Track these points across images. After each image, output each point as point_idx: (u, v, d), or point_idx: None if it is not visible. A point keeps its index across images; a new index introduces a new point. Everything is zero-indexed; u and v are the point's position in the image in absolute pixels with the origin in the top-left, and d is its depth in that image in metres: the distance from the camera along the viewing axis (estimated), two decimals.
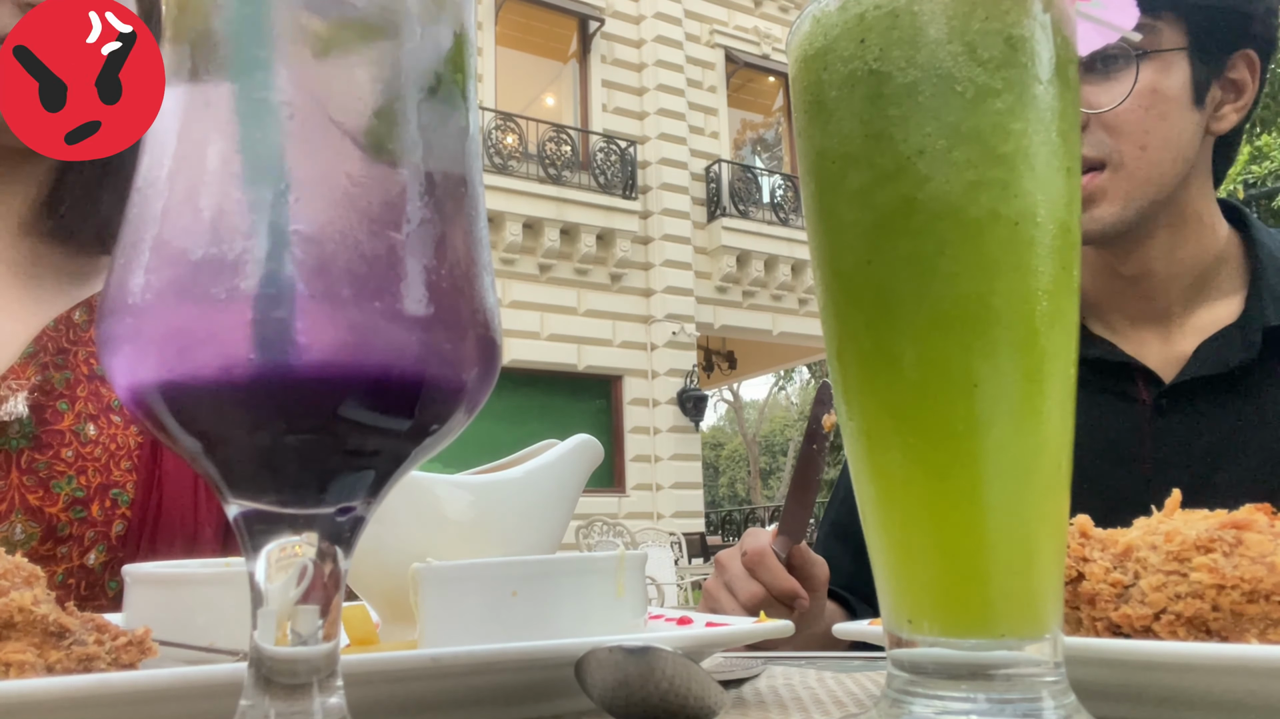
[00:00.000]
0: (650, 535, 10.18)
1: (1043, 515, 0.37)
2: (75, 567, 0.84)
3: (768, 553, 0.95)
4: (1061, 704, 0.34)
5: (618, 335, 12.98)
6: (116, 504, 0.87)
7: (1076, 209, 0.37)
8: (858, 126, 0.37)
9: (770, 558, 0.95)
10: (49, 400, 0.87)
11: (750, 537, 0.99)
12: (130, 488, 0.88)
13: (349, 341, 0.27)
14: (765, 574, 0.94)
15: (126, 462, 0.89)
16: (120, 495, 0.88)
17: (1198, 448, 0.99)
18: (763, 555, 0.95)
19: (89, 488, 0.86)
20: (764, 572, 0.95)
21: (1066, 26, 0.38)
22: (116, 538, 0.87)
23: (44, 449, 0.85)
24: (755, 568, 0.95)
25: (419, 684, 0.45)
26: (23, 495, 0.83)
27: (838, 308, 0.39)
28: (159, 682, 0.38)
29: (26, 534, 0.82)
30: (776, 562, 0.95)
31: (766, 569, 0.95)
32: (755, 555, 0.95)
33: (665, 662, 0.40)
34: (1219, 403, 0.99)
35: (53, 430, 0.86)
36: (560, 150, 12.72)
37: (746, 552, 0.96)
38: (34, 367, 0.87)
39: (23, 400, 0.85)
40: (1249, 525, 0.43)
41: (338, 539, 0.30)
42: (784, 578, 0.94)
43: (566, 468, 0.69)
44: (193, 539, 0.90)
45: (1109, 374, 1.02)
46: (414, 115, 0.30)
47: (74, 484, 0.85)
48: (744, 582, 0.96)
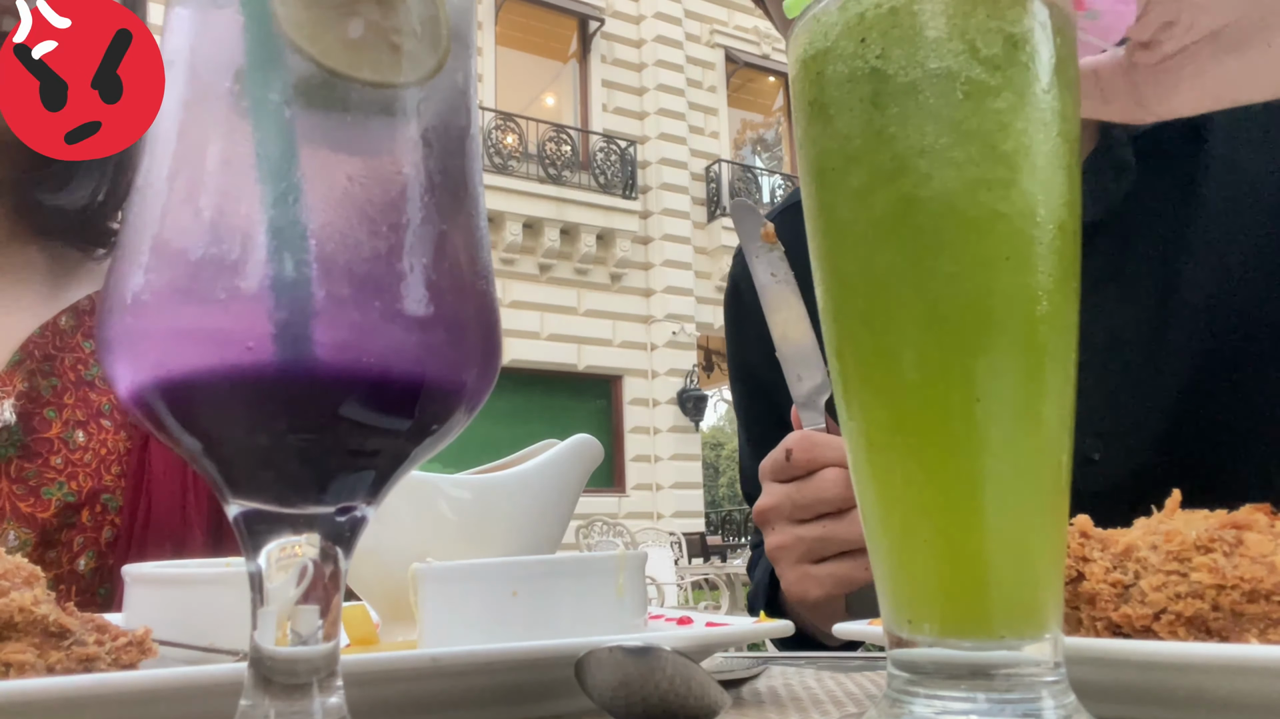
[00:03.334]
0: (650, 535, 10.18)
1: (1043, 515, 0.37)
2: (65, 572, 0.84)
3: (811, 434, 0.77)
4: (1061, 704, 0.34)
5: (618, 335, 12.99)
6: (106, 510, 0.87)
7: (1077, 208, 0.37)
8: (858, 125, 0.37)
9: (818, 435, 0.77)
10: (36, 408, 0.87)
11: (774, 453, 0.78)
12: (119, 493, 0.88)
13: (349, 341, 0.27)
14: (831, 453, 0.75)
15: (116, 467, 0.89)
16: (110, 501, 0.88)
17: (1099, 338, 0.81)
18: (809, 439, 0.76)
19: (79, 494, 0.86)
20: (827, 450, 0.75)
21: (1066, 25, 0.38)
22: (106, 543, 0.87)
23: (33, 457, 0.85)
24: (815, 456, 0.75)
25: (419, 684, 0.45)
26: (14, 503, 0.82)
27: (838, 308, 0.39)
28: (159, 682, 0.38)
29: (21, 540, 0.82)
30: (827, 435, 0.77)
31: (826, 446, 0.76)
32: (804, 443, 0.76)
33: (665, 662, 0.40)
34: (1102, 253, 0.81)
35: (41, 438, 0.86)
36: (560, 150, 12.73)
37: (790, 450, 0.76)
38: (21, 374, 0.87)
39: (10, 408, 0.84)
40: (1249, 525, 0.43)
41: (338, 539, 0.30)
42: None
43: (566, 468, 0.69)
44: (181, 543, 0.90)
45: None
46: (414, 115, 0.30)
47: (64, 490, 0.85)
48: (813, 489, 0.75)
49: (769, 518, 0.80)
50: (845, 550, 0.76)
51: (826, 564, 0.76)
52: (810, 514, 0.77)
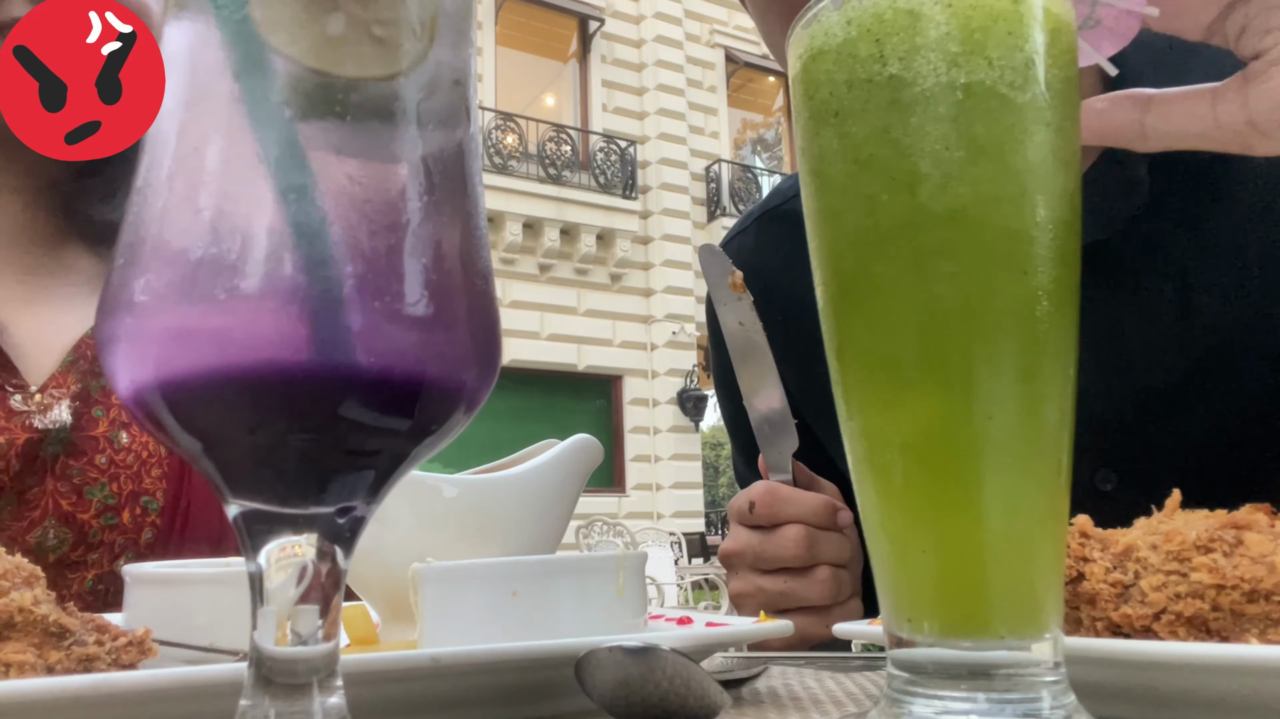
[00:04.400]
0: (650, 535, 10.18)
1: (1043, 515, 0.37)
2: (105, 573, 0.85)
3: (776, 487, 0.78)
4: (1061, 704, 0.34)
5: (618, 335, 12.99)
6: (146, 512, 0.88)
7: (1078, 222, 0.38)
8: (868, 131, 0.37)
9: (782, 489, 0.78)
10: (85, 407, 0.87)
11: (739, 499, 0.79)
12: (160, 496, 0.89)
13: (349, 341, 0.27)
14: (793, 509, 0.76)
15: (157, 469, 0.89)
16: (150, 503, 0.88)
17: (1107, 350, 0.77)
18: (773, 493, 0.77)
19: (120, 495, 0.86)
20: (789, 507, 0.76)
21: (1070, 38, 0.38)
22: (145, 545, 0.87)
23: (79, 456, 0.85)
24: (776, 511, 0.76)
25: (419, 684, 0.45)
26: (56, 501, 0.83)
27: (838, 308, 0.39)
28: (159, 682, 0.38)
29: (58, 539, 0.82)
30: (794, 489, 0.78)
31: (789, 503, 0.76)
32: (766, 498, 0.77)
33: (665, 662, 0.40)
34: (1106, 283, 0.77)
35: (87, 437, 0.86)
36: (560, 150, 12.73)
37: (754, 502, 0.78)
38: (74, 374, 0.88)
39: (66, 408, 0.85)
40: (1249, 525, 0.43)
41: (338, 539, 0.30)
42: (814, 499, 0.77)
43: (566, 468, 0.69)
44: (218, 545, 0.90)
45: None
46: (413, 115, 0.30)
47: (106, 491, 0.85)
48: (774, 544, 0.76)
49: (733, 562, 0.80)
50: (805, 607, 0.77)
51: (788, 616, 0.76)
52: (772, 567, 0.78)
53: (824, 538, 0.77)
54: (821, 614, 0.77)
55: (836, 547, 0.78)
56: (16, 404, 0.83)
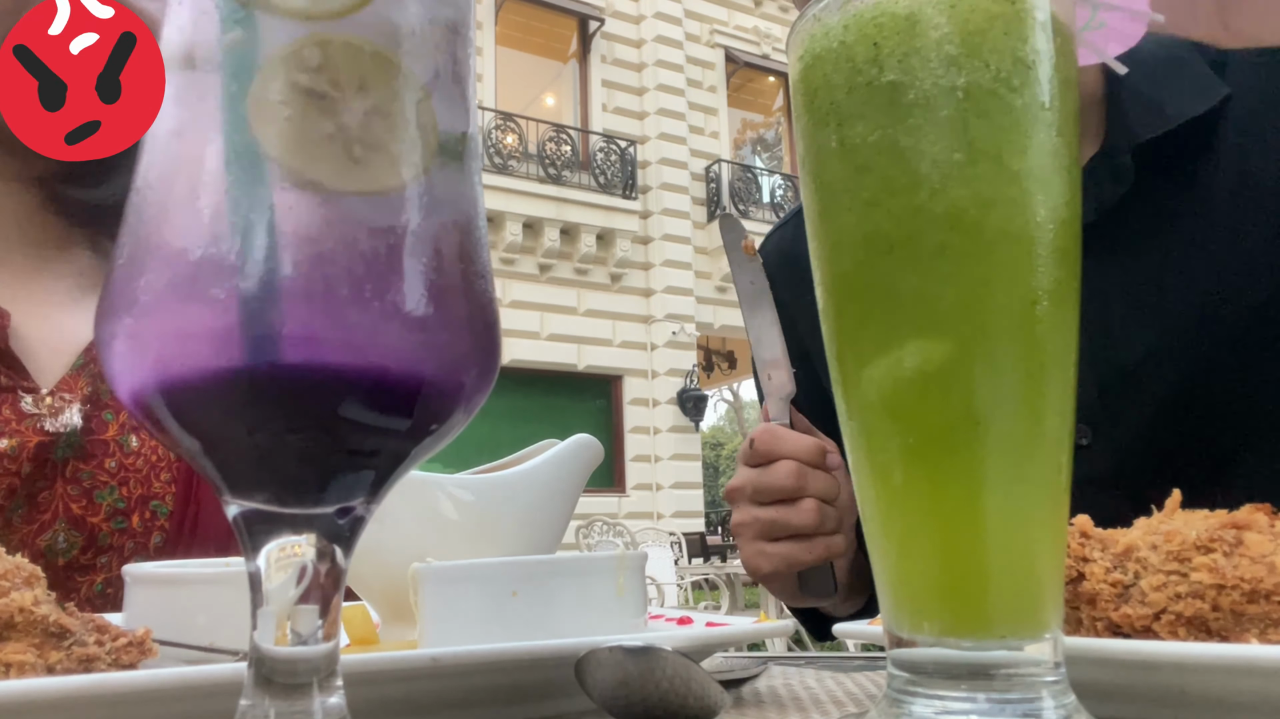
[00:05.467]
0: (650, 535, 10.17)
1: (1043, 515, 0.37)
2: (114, 576, 0.84)
3: (774, 428, 0.88)
4: (1061, 704, 0.34)
5: (618, 335, 12.99)
6: (156, 516, 0.87)
7: (1078, 223, 0.38)
8: (869, 133, 0.37)
9: (780, 429, 0.87)
10: (96, 411, 0.87)
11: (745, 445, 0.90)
12: (169, 500, 0.89)
13: (348, 341, 0.27)
14: (787, 446, 0.86)
15: (166, 474, 0.89)
16: (159, 507, 0.88)
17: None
18: (771, 432, 0.87)
19: (130, 499, 0.86)
20: (784, 444, 0.86)
21: (1070, 41, 0.38)
22: (155, 549, 0.87)
23: (89, 459, 0.85)
24: (772, 448, 0.86)
25: (419, 684, 0.45)
26: (66, 505, 0.83)
27: (838, 308, 0.39)
28: (159, 682, 0.38)
29: (68, 543, 0.82)
30: (790, 430, 0.88)
31: (784, 441, 0.86)
32: (765, 436, 0.86)
33: (665, 662, 0.40)
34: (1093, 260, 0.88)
35: (97, 440, 0.86)
36: (560, 150, 12.73)
37: (754, 440, 0.87)
38: (85, 377, 0.88)
39: (77, 412, 0.85)
40: (1249, 525, 0.43)
41: (337, 539, 0.30)
42: (807, 440, 0.86)
43: (566, 468, 0.69)
44: (226, 552, 0.90)
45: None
46: (412, 115, 0.30)
47: (115, 495, 0.85)
48: (769, 476, 0.85)
49: (734, 497, 0.90)
50: (795, 534, 0.86)
51: (778, 544, 0.87)
52: (768, 498, 0.87)
53: (814, 474, 0.86)
54: (808, 542, 0.86)
55: (825, 483, 0.87)
56: (27, 407, 0.83)
